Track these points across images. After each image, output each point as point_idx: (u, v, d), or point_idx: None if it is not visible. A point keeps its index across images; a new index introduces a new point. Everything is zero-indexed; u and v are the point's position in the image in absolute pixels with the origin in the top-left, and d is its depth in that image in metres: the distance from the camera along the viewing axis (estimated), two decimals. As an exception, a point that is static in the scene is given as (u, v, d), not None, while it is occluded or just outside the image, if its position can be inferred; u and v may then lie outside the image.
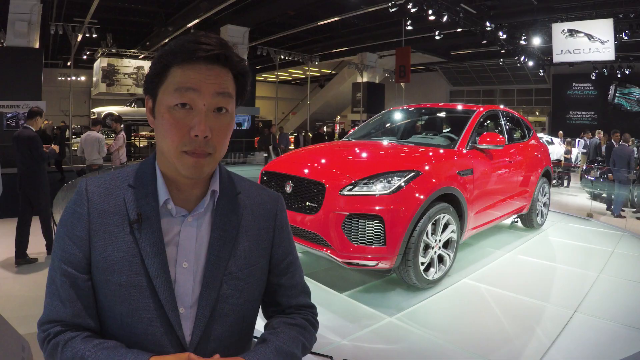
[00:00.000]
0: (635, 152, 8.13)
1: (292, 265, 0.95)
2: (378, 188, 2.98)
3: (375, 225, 2.92)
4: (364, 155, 3.81)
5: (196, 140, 0.75)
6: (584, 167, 10.14)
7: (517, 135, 5.19)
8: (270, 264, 0.92)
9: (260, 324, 0.94)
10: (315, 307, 0.99)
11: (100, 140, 6.70)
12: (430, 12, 12.07)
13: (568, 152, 11.23)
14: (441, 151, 3.66)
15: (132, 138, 18.73)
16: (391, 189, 2.97)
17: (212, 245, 0.82)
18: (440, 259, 3.35)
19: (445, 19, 12.46)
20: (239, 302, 0.84)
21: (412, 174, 3.09)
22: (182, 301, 0.79)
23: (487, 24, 13.42)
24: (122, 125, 7.48)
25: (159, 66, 0.77)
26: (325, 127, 20.38)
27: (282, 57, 18.64)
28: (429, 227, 3.13)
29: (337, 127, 25.18)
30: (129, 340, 0.76)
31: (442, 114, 4.91)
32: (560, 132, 13.26)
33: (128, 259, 0.77)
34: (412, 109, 5.15)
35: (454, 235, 3.41)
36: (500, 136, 3.86)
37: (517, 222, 5.30)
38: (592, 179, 8.83)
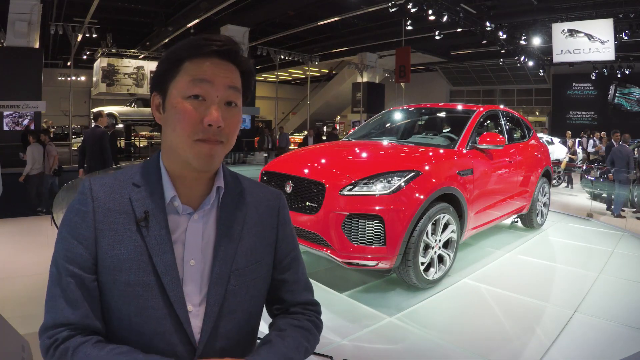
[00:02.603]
0: (635, 153, 8.14)
1: (295, 261, 0.96)
2: (378, 188, 2.98)
3: (375, 225, 2.92)
4: (364, 155, 3.81)
5: (209, 129, 0.76)
6: (584, 167, 10.14)
7: (517, 135, 5.19)
8: (274, 259, 0.93)
9: (263, 323, 0.94)
10: (319, 304, 0.99)
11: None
12: (430, 12, 12.07)
13: (575, 152, 11.13)
14: (441, 151, 3.66)
15: (132, 138, 18.75)
16: (391, 189, 2.97)
17: (219, 241, 0.82)
18: (440, 259, 3.35)
19: (445, 19, 12.46)
20: (246, 298, 0.85)
21: (412, 174, 3.09)
22: (190, 299, 0.79)
23: (487, 24, 13.42)
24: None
25: (171, 62, 0.79)
26: (325, 127, 20.39)
27: (282, 57, 18.63)
28: (429, 227, 3.13)
29: (337, 126, 25.20)
30: (137, 341, 0.76)
31: (442, 114, 4.91)
32: (569, 132, 13.03)
33: (136, 257, 0.77)
34: (412, 109, 5.15)
35: (454, 235, 3.41)
36: (500, 136, 3.86)
37: (517, 222, 5.30)
38: (592, 179, 8.84)
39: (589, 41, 13.11)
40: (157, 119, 0.82)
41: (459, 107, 4.68)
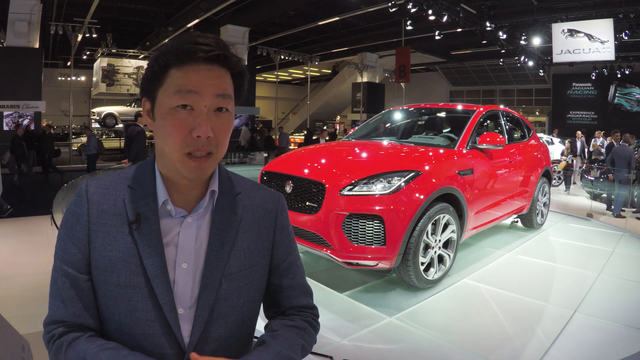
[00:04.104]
0: (636, 153, 8.13)
1: (292, 266, 0.94)
2: (378, 188, 2.98)
3: (375, 225, 2.92)
4: (364, 155, 3.81)
5: (199, 140, 0.75)
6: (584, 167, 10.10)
7: (517, 135, 5.19)
8: (270, 264, 0.91)
9: (260, 324, 0.94)
10: (316, 308, 0.98)
11: None
12: (430, 12, 12.07)
13: (576, 153, 10.92)
14: (441, 151, 3.66)
15: (132, 138, 18.70)
16: (391, 189, 2.97)
17: (212, 245, 0.82)
18: (440, 259, 3.35)
19: (445, 19, 12.46)
20: (239, 303, 0.84)
21: (412, 174, 3.09)
22: (181, 302, 0.79)
23: (487, 24, 13.41)
24: None
25: (157, 68, 0.76)
26: (325, 127, 20.41)
27: (282, 57, 18.65)
28: (429, 227, 3.13)
29: (337, 126, 25.22)
30: (127, 342, 0.76)
31: (442, 114, 4.91)
32: (578, 132, 12.66)
33: (126, 259, 0.77)
34: (412, 109, 5.15)
35: (454, 235, 3.41)
36: (500, 136, 3.86)
37: (517, 222, 5.30)
38: (592, 179, 8.83)
39: (589, 41, 13.10)
40: (149, 125, 0.81)
41: (459, 107, 4.68)
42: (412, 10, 11.86)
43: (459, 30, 14.66)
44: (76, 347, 0.74)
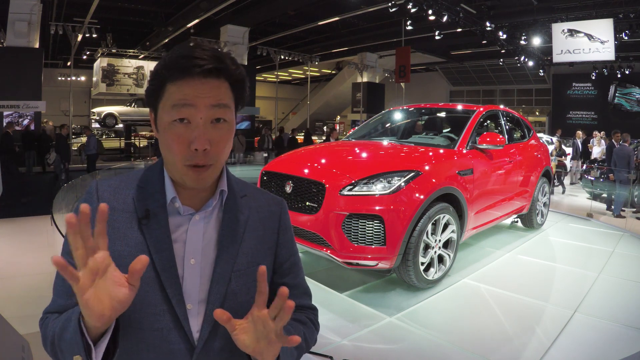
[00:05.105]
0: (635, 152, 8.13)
1: (295, 266, 0.97)
2: (378, 188, 2.98)
3: (375, 225, 2.92)
4: (364, 155, 3.81)
5: (197, 153, 0.76)
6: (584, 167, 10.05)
7: (517, 135, 5.19)
8: (274, 264, 0.94)
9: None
10: (316, 309, 1.00)
11: None
12: (430, 12, 12.07)
13: (563, 154, 10.71)
14: (441, 151, 3.66)
15: (132, 138, 18.74)
16: (391, 189, 2.97)
17: (221, 242, 0.84)
18: (440, 259, 3.35)
19: (445, 19, 12.46)
20: (247, 299, 0.85)
21: (412, 174, 3.09)
22: (190, 297, 0.80)
23: (487, 24, 13.42)
24: None
25: (156, 82, 0.78)
26: (325, 127, 20.42)
27: (282, 57, 18.65)
28: (429, 227, 3.13)
29: (338, 126, 25.21)
30: (136, 336, 0.77)
31: (442, 114, 4.91)
32: (579, 132, 12.07)
33: (136, 253, 0.77)
34: (412, 109, 5.15)
35: (454, 235, 3.41)
36: (500, 136, 3.86)
37: (517, 222, 5.30)
38: (592, 179, 8.83)
39: (589, 41, 13.11)
40: (155, 134, 0.84)
41: (459, 107, 4.68)
42: (412, 10, 11.87)
43: (459, 30, 14.67)
44: (52, 321, 0.78)
